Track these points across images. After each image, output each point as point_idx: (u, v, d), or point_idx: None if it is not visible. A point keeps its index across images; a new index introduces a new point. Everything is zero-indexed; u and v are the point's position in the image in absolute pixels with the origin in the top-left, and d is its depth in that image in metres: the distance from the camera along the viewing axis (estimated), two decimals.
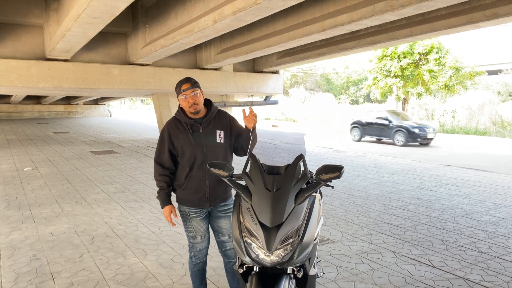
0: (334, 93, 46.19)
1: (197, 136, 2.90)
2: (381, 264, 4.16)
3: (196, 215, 2.97)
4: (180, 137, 2.90)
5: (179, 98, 2.91)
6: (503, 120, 24.88)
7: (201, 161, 2.88)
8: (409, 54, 23.83)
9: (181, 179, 2.94)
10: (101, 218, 5.81)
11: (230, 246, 3.03)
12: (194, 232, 2.99)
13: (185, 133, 2.90)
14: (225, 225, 3.01)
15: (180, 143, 2.89)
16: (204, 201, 2.94)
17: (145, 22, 11.45)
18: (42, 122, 29.12)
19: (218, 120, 3.00)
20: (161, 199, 2.96)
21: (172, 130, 2.93)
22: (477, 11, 7.97)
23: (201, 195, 2.92)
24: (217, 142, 2.93)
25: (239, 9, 6.88)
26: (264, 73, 16.49)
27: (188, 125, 2.90)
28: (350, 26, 8.28)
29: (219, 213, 3.01)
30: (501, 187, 8.03)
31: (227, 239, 3.02)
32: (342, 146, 16.21)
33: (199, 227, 2.99)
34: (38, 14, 11.25)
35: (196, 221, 2.97)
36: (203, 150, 2.89)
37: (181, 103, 2.92)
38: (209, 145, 2.91)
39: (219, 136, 2.95)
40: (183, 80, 2.92)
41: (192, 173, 2.90)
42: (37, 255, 4.40)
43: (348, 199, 6.95)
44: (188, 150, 2.88)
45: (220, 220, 3.02)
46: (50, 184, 8.11)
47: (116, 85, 13.27)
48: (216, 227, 3.04)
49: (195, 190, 2.92)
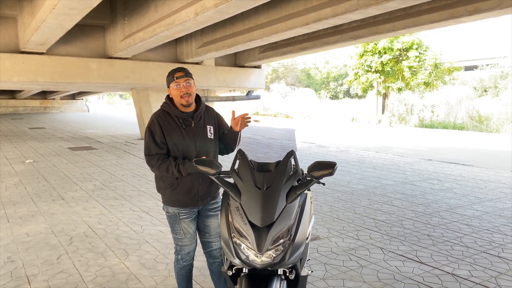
0: (315, 88, 46.34)
1: (189, 131, 2.77)
2: (369, 261, 4.11)
3: (186, 216, 2.83)
4: (171, 131, 2.73)
5: (170, 86, 2.73)
6: (480, 115, 25.39)
7: (193, 158, 2.73)
8: (389, 49, 24.03)
9: (171, 178, 2.77)
10: (79, 217, 5.60)
11: (216, 246, 2.93)
12: (183, 235, 2.85)
13: (176, 127, 2.74)
14: (213, 224, 2.90)
15: (171, 138, 2.73)
16: (197, 200, 2.82)
17: (124, 15, 11.15)
18: (17, 118, 28.30)
19: (207, 115, 2.90)
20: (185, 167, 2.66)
21: (162, 122, 2.74)
22: (460, 6, 7.99)
23: (194, 194, 2.79)
24: (208, 137, 2.83)
25: (222, 1, 6.71)
26: (246, 67, 16.33)
27: (180, 119, 2.76)
28: (334, 20, 8.20)
29: (208, 212, 2.90)
30: (482, 181, 8.12)
31: (214, 239, 2.92)
32: (324, 141, 16.23)
33: (189, 229, 2.86)
34: (11, 5, 10.82)
35: (186, 222, 2.84)
36: (195, 146, 2.77)
37: (172, 92, 2.74)
38: (201, 140, 2.79)
39: (210, 132, 2.85)
40: (176, 68, 2.76)
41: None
42: (11, 257, 4.18)
43: (333, 195, 6.90)
44: (180, 145, 2.74)
45: (208, 219, 2.91)
46: (26, 182, 7.81)
47: (94, 79, 12.92)
48: (203, 226, 2.93)
49: (188, 189, 2.77)
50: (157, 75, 13.77)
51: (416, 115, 27.14)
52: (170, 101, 2.81)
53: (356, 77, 26.14)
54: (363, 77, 25.44)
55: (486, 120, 24.57)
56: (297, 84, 48.96)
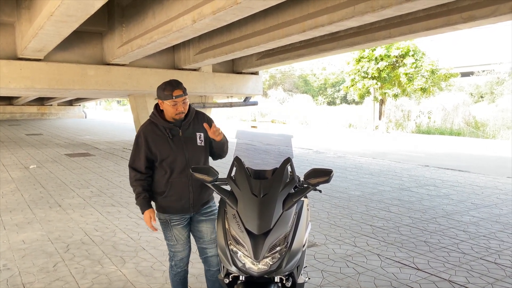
0: (312, 94, 46.48)
1: (177, 140, 2.74)
2: (366, 267, 4.11)
3: (177, 223, 2.83)
4: (159, 142, 2.72)
5: (166, 102, 2.67)
6: (477, 121, 25.50)
7: (182, 166, 2.73)
8: (386, 56, 24.17)
9: (161, 186, 2.78)
10: (76, 224, 5.58)
11: (211, 252, 2.90)
12: (175, 241, 2.85)
13: (163, 138, 2.73)
14: (207, 230, 2.88)
15: (158, 148, 2.72)
16: (187, 208, 2.80)
17: (121, 21, 11.19)
18: (14, 124, 28.24)
19: (197, 122, 2.83)
20: (140, 203, 2.78)
21: (149, 135, 2.74)
22: (455, 14, 8.06)
23: (184, 202, 2.78)
24: (198, 145, 2.79)
25: (219, 8, 6.75)
26: (243, 74, 16.38)
27: (166, 129, 2.74)
28: (330, 27, 8.26)
29: (200, 217, 2.87)
30: (479, 187, 8.15)
31: (209, 245, 2.89)
32: (321, 147, 16.25)
33: (181, 236, 2.85)
34: (8, 12, 10.84)
35: (177, 229, 2.83)
36: (184, 155, 2.74)
37: (166, 108, 2.70)
38: (190, 149, 2.76)
39: (200, 139, 2.81)
40: (174, 84, 2.67)
41: (173, 179, 2.75)
42: (7, 265, 4.16)
43: (330, 201, 6.91)
44: (168, 155, 2.72)
45: (201, 224, 2.88)
46: (22, 189, 7.79)
47: (91, 86, 12.93)
48: (197, 232, 2.91)
49: (178, 197, 2.77)
50: (154, 82, 13.80)
51: (413, 121, 27.23)
52: (158, 112, 2.78)
53: (352, 83, 26.24)
54: (359, 83, 25.55)
55: (482, 126, 24.67)
56: (294, 90, 49.10)
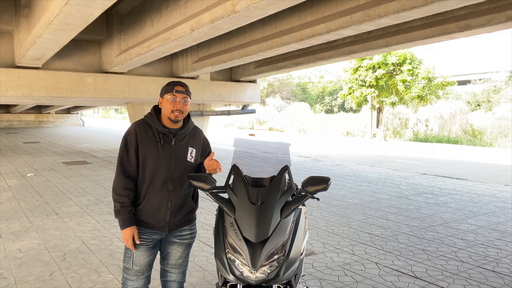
0: (310, 103, 46.62)
1: (167, 148, 2.52)
2: (365, 276, 4.10)
3: (144, 242, 2.53)
4: (147, 145, 2.50)
5: (165, 97, 2.51)
6: (474, 129, 25.60)
7: (165, 178, 2.51)
8: (383, 64, 24.30)
9: (140, 195, 2.53)
10: (73, 232, 5.55)
11: (172, 277, 2.69)
12: (131, 264, 2.54)
13: (153, 142, 2.51)
14: (175, 253, 2.65)
15: (145, 151, 2.49)
16: (162, 226, 2.55)
17: (120, 30, 11.23)
18: (12, 132, 28.18)
19: (193, 136, 2.65)
20: (122, 218, 2.45)
21: (140, 134, 2.51)
22: (451, 22, 8.13)
23: (159, 219, 2.54)
24: (187, 160, 2.58)
25: (217, 17, 6.79)
26: (241, 82, 16.43)
27: (159, 133, 2.52)
28: (328, 36, 8.31)
29: (173, 238, 2.64)
30: (476, 195, 8.15)
31: (171, 269, 2.68)
32: (319, 155, 16.26)
33: (140, 259, 2.54)
34: (7, 20, 10.87)
35: (140, 249, 2.53)
36: (170, 167, 2.52)
37: (164, 105, 2.51)
38: (178, 161, 2.54)
39: (191, 155, 2.60)
40: (177, 82, 2.56)
41: (152, 190, 2.51)
42: (3, 273, 4.13)
43: (328, 209, 6.90)
44: (152, 161, 2.49)
45: (172, 246, 2.64)
46: (19, 197, 7.75)
47: (89, 94, 12.93)
48: (164, 252, 2.67)
49: (153, 212, 2.52)
50: (152, 90, 13.82)
51: (411, 129, 27.32)
52: (155, 113, 2.59)
53: (350, 91, 26.35)
54: (357, 91, 25.66)
55: (479, 134, 24.77)
56: (292, 98, 49.26)
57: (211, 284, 3.83)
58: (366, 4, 7.01)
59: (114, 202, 2.50)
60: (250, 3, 5.92)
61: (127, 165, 2.50)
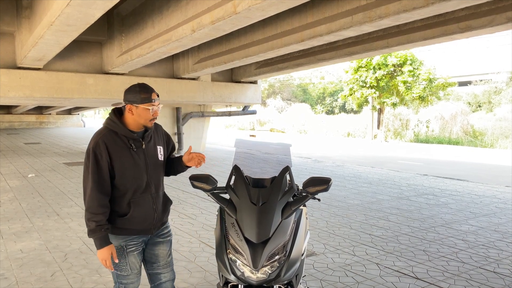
0: (311, 103, 46.63)
1: (140, 153, 2.46)
2: (365, 276, 4.10)
3: (134, 248, 2.51)
4: (121, 155, 2.39)
5: (141, 106, 2.37)
6: (475, 130, 25.58)
7: (146, 183, 2.47)
8: (383, 65, 24.31)
9: (123, 206, 2.44)
10: (74, 233, 5.56)
11: (166, 277, 2.67)
12: (129, 270, 2.51)
13: (126, 150, 2.41)
14: (163, 252, 2.64)
15: (120, 161, 2.39)
16: (149, 229, 2.55)
17: (121, 31, 11.24)
18: (13, 133, 28.20)
19: (157, 134, 2.60)
20: (99, 237, 2.36)
21: (110, 145, 2.38)
22: (452, 23, 8.12)
23: (148, 223, 2.52)
24: (158, 159, 2.55)
25: (218, 18, 6.80)
26: (242, 83, 16.43)
27: (129, 140, 2.43)
28: (329, 37, 8.31)
29: (157, 238, 2.62)
30: (477, 196, 8.15)
31: (163, 269, 2.65)
32: (320, 156, 16.26)
33: (136, 263, 2.53)
34: (8, 21, 10.88)
35: (133, 255, 2.51)
36: (147, 170, 2.48)
37: (140, 113, 2.38)
38: (152, 164, 2.51)
39: (160, 153, 2.56)
40: (148, 87, 2.44)
41: (137, 198, 2.45)
42: (5, 274, 4.14)
43: (329, 210, 6.90)
44: (131, 170, 2.41)
45: (158, 247, 2.63)
46: (20, 198, 7.76)
47: (90, 95, 12.94)
48: (151, 256, 2.63)
49: (142, 218, 2.48)
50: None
51: (411, 130, 27.31)
52: (118, 118, 2.46)
53: (351, 92, 26.36)
54: (358, 92, 25.66)
55: (480, 135, 24.76)
56: (293, 99, 49.27)
57: (212, 285, 3.84)
58: (366, 5, 7.02)
59: (88, 221, 2.37)
60: (251, 4, 5.93)
61: (102, 180, 2.36)
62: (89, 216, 2.36)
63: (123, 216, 2.45)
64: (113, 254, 2.41)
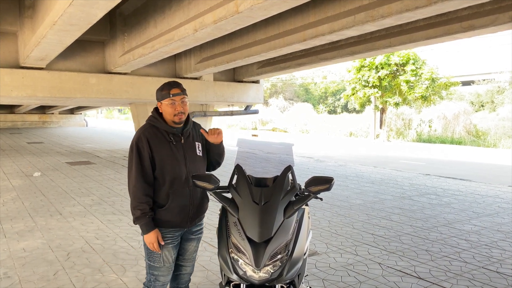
0: (313, 103, 46.59)
1: (179, 147, 2.61)
2: (368, 276, 4.09)
3: (169, 241, 2.61)
4: (161, 148, 2.55)
5: (163, 102, 2.56)
6: (478, 129, 25.51)
7: (184, 176, 2.58)
8: (386, 65, 24.26)
9: (162, 197, 2.56)
10: (77, 232, 5.57)
11: (187, 270, 2.81)
12: (162, 263, 2.60)
13: (166, 143, 2.57)
14: (193, 248, 2.78)
15: (160, 154, 2.54)
16: (186, 222, 2.64)
17: (123, 31, 11.26)
18: (16, 132, 28.29)
19: (195, 132, 2.75)
20: (145, 223, 2.51)
21: (151, 138, 2.55)
22: (455, 23, 8.11)
23: (184, 215, 2.61)
24: (197, 154, 2.68)
25: (220, 18, 6.80)
26: (244, 82, 16.44)
27: (169, 134, 2.59)
28: (331, 36, 8.31)
29: (191, 235, 2.74)
30: (480, 196, 8.13)
31: (187, 262, 2.79)
32: (322, 155, 16.25)
33: (169, 257, 2.62)
34: (11, 21, 10.92)
35: (168, 249, 2.60)
36: (186, 163, 2.60)
37: (164, 109, 2.57)
38: (191, 158, 2.64)
39: (198, 149, 2.70)
40: (172, 83, 2.60)
41: (175, 189, 2.56)
42: (8, 273, 4.15)
43: (331, 210, 6.89)
44: (170, 163, 2.55)
45: (189, 243, 2.75)
46: (23, 197, 7.79)
47: (93, 94, 12.97)
48: (180, 249, 2.75)
49: (179, 210, 2.58)
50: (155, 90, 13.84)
51: (414, 129, 27.25)
52: (159, 115, 2.63)
53: (353, 92, 26.32)
54: (360, 92, 25.62)
55: (483, 135, 24.69)
56: (295, 98, 49.23)
57: (214, 284, 3.84)
58: (369, 5, 7.01)
59: (134, 209, 2.52)
60: (253, 3, 5.93)
61: (145, 171, 2.53)
62: (135, 204, 2.52)
63: (161, 207, 2.56)
64: (159, 237, 2.54)
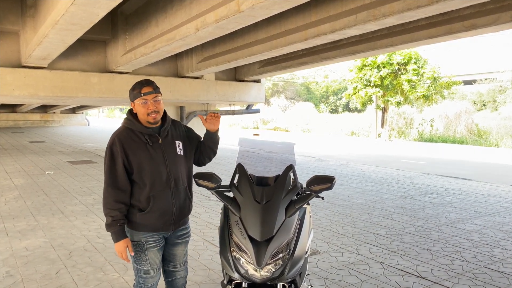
0: (314, 102, 46.55)
1: (156, 147, 2.52)
2: (369, 275, 4.10)
3: (153, 245, 2.56)
4: (137, 150, 2.48)
5: (135, 102, 2.49)
6: (479, 129, 25.47)
7: (165, 177, 2.52)
8: (388, 64, 24.23)
9: (142, 200, 2.50)
10: (79, 231, 5.59)
11: (180, 275, 2.78)
12: (149, 265, 2.58)
13: (142, 145, 2.49)
14: (181, 252, 2.74)
15: (137, 157, 2.47)
16: (169, 225, 2.59)
17: (125, 30, 11.26)
18: (17, 131, 28.34)
19: (175, 130, 2.67)
20: (115, 231, 2.45)
21: (126, 142, 2.47)
22: (457, 22, 8.09)
23: (167, 218, 2.56)
24: (177, 154, 2.60)
25: (222, 17, 6.80)
26: (246, 82, 16.43)
27: (145, 135, 2.52)
28: (333, 36, 8.29)
29: (176, 239, 2.69)
30: (482, 195, 8.12)
31: (179, 268, 2.76)
32: (324, 154, 16.24)
33: (155, 259, 2.60)
34: (13, 20, 10.93)
35: (153, 251, 2.57)
36: (166, 164, 2.53)
37: (137, 109, 2.51)
38: (171, 158, 2.56)
39: (179, 148, 2.62)
40: (143, 81, 2.52)
41: (156, 192, 2.50)
42: (10, 271, 4.17)
43: (333, 209, 6.89)
44: (148, 165, 2.48)
45: (176, 248, 2.70)
46: (25, 196, 7.81)
47: (94, 94, 12.98)
48: (168, 255, 2.71)
49: (162, 213, 2.53)
50: None
51: (416, 129, 27.22)
52: (133, 116, 2.57)
53: (355, 91, 26.29)
54: (362, 91, 25.59)
55: (485, 134, 24.66)
56: (296, 98, 49.20)
57: (216, 283, 3.85)
58: (371, 4, 6.99)
59: (106, 216, 2.47)
60: (255, 3, 5.92)
61: (117, 177, 2.46)
62: (106, 211, 2.47)
63: (143, 211, 2.51)
64: (128, 247, 2.51)
